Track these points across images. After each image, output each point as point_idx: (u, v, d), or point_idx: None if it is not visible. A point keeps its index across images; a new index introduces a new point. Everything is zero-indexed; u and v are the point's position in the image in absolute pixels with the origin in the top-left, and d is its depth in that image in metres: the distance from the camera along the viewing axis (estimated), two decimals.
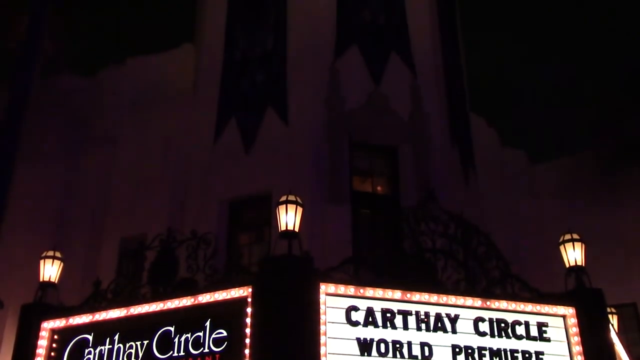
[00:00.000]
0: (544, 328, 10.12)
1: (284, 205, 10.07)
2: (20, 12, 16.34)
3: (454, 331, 9.72)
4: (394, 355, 9.29)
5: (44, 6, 7.22)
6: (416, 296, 9.82)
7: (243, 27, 16.40)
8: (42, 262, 11.45)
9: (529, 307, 10.26)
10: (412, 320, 9.61)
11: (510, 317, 10.10)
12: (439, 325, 9.70)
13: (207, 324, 9.48)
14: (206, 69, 16.56)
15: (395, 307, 9.64)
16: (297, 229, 9.91)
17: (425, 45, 16.25)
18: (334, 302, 9.43)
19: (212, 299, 9.74)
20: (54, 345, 10.48)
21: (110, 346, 9.99)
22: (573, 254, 11.06)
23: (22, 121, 6.39)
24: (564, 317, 10.31)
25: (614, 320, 13.13)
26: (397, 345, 9.35)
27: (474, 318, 9.91)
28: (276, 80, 15.22)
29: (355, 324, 9.38)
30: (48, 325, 10.61)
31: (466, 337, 9.73)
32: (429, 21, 16.74)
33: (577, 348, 9.99)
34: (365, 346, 9.23)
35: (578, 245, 11.12)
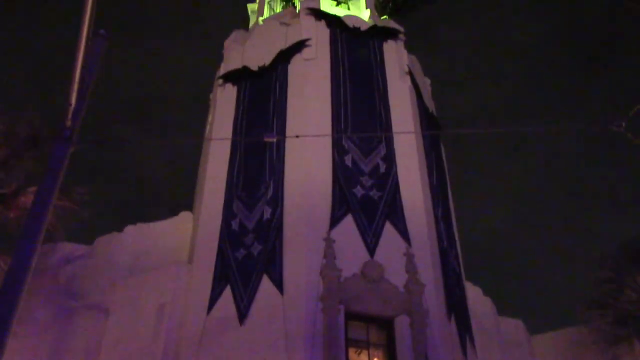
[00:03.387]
0: None
1: None
2: (25, 183, 16.89)
3: None
4: None
5: (56, 180, 7.51)
6: None
7: (241, 197, 16.90)
8: None
9: None
10: None
11: None
12: None
13: None
14: (204, 237, 16.81)
15: None
16: None
17: (418, 215, 16.68)
18: None
19: None
20: None
21: None
22: None
23: (22, 294, 6.40)
24: None
25: None
26: None
27: None
28: (272, 250, 15.41)
29: None
30: None
31: None
32: (422, 192, 17.32)
33: None
34: None
35: None
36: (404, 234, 16.10)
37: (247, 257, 15.59)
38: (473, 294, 19.55)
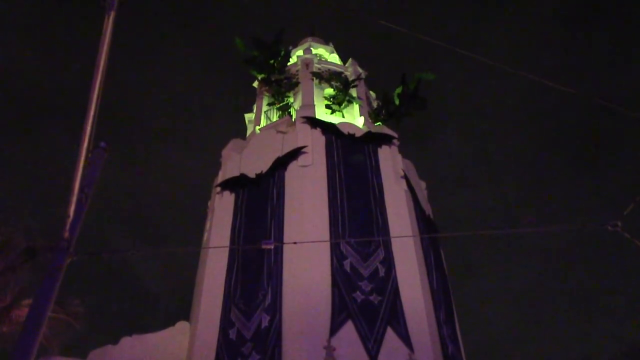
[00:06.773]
0: None
1: None
2: (20, 293, 16.65)
3: None
4: None
5: (51, 293, 7.41)
6: None
7: (239, 305, 16.62)
8: None
9: None
10: None
11: None
12: None
13: None
14: (200, 348, 16.37)
15: None
16: None
17: (420, 319, 16.34)
18: None
19: None
20: None
21: None
22: None
23: None
24: None
25: None
26: None
27: None
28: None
29: None
30: None
31: None
32: (422, 295, 17.06)
33: None
34: None
35: None
36: (406, 339, 15.71)
37: None
38: None
